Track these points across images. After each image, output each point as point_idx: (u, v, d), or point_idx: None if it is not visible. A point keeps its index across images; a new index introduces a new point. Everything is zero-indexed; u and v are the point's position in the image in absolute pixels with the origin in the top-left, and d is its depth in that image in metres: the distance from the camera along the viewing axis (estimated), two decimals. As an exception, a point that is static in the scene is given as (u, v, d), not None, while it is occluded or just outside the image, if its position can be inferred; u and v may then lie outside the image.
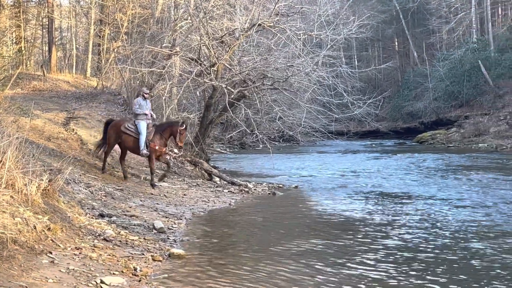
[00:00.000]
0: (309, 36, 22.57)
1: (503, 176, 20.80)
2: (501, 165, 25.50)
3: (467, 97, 48.20)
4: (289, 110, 23.20)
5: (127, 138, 15.28)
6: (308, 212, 13.81)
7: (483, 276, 8.07)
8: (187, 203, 14.07)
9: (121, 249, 8.64)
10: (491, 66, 47.44)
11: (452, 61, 51.21)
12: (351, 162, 28.90)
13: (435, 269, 8.40)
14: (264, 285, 7.48)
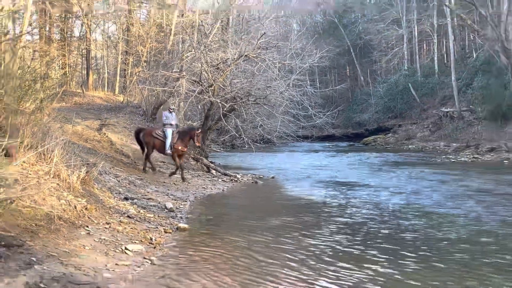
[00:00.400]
0: (282, 64, 22.63)
1: (427, 169, 20.96)
2: (425, 161, 25.71)
3: (400, 111, 48.48)
4: (267, 120, 23.19)
5: (157, 141, 15.50)
6: (281, 196, 13.84)
7: (411, 244, 8.12)
8: (191, 189, 14.06)
9: (140, 224, 8.61)
10: (418, 88, 47.77)
11: (389, 84, 51.54)
12: (314, 158, 28.98)
13: (375, 239, 8.44)
14: (245, 250, 7.53)
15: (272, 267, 6.67)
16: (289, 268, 6.66)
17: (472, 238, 8.41)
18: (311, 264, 6.87)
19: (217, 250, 7.42)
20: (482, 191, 14.15)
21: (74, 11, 35.44)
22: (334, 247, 7.78)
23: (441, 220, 9.90)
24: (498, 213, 10.60)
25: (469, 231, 8.93)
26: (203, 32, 23.26)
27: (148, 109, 24.57)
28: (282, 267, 6.70)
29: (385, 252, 7.50)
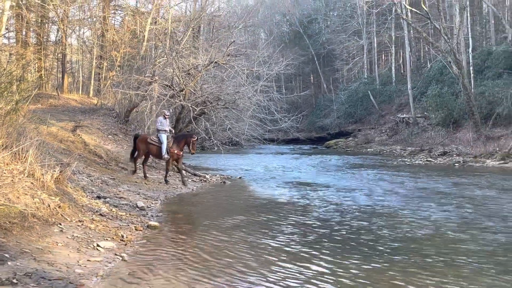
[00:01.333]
0: (250, 71, 22.66)
1: (384, 171, 21.24)
2: (383, 163, 26.02)
3: (360, 116, 49.07)
4: (236, 123, 23.17)
5: (152, 147, 15.11)
6: (247, 196, 13.83)
7: (362, 243, 8.18)
8: (162, 188, 13.96)
9: (112, 221, 8.52)
10: (377, 95, 48.46)
11: (350, 91, 52.12)
12: (279, 160, 29.08)
13: (327, 238, 8.47)
14: (211, 245, 7.55)
15: (235, 264, 6.66)
16: (248, 265, 6.66)
17: (422, 237, 8.53)
18: (264, 261, 6.85)
19: (185, 247, 7.39)
20: (434, 192, 14.41)
21: (50, 16, 34.87)
22: (288, 245, 7.76)
23: (394, 220, 9.97)
24: (448, 213, 10.79)
25: (419, 230, 9.05)
26: (175, 39, 23.23)
27: (122, 112, 24.31)
28: (242, 263, 6.69)
29: (334, 250, 7.48)
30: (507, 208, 11.27)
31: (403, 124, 41.64)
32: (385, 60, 57.14)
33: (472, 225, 9.41)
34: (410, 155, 31.45)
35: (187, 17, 35.76)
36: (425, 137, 36.39)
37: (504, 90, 31.11)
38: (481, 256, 7.12)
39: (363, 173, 20.38)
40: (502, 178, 17.71)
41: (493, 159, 24.46)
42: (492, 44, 39.63)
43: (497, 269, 6.49)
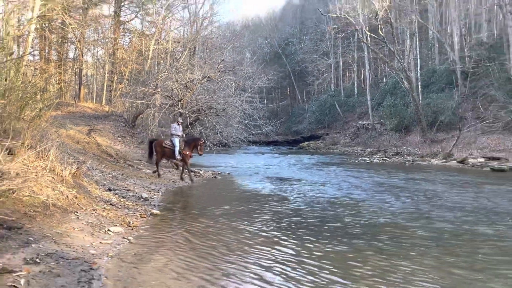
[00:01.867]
0: (237, 84, 22.69)
1: (348, 168, 21.34)
2: (347, 162, 26.15)
3: (328, 122, 49.26)
4: (225, 128, 23.11)
5: (167, 150, 14.81)
6: (234, 189, 13.77)
7: (329, 225, 8.21)
8: (163, 182, 13.84)
9: (121, 210, 8.43)
10: (342, 105, 48.72)
11: (320, 102, 52.30)
12: (261, 159, 29.05)
13: (301, 222, 8.50)
14: (202, 230, 7.50)
15: (219, 247, 6.63)
16: (230, 247, 6.65)
17: (378, 224, 8.58)
18: (244, 244, 6.81)
19: (181, 232, 7.35)
20: (389, 186, 14.53)
21: (69, 37, 34.46)
22: (264, 231, 7.68)
23: (355, 209, 10.01)
24: (402, 203, 10.89)
25: (376, 218, 9.11)
26: (174, 57, 23.12)
27: (129, 118, 24.13)
28: (226, 246, 6.67)
29: (302, 235, 7.44)
30: (451, 199, 11.39)
31: (363, 129, 41.92)
32: (348, 76, 57.46)
33: (421, 214, 9.48)
34: (369, 154, 31.67)
35: (185, 39, 35.57)
36: (381, 140, 36.69)
37: (445, 101, 31.51)
38: (428, 240, 7.18)
39: (331, 170, 20.46)
40: (445, 174, 17.93)
41: (437, 158, 24.73)
42: (436, 63, 40.10)
43: (440, 251, 6.55)
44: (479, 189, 13.32)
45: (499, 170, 18.78)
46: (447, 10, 41.06)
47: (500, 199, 11.33)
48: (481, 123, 27.79)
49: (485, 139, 27.03)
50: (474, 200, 11.20)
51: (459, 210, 9.73)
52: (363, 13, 35.95)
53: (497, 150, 24.75)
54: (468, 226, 8.05)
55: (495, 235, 7.39)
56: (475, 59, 33.17)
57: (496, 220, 8.63)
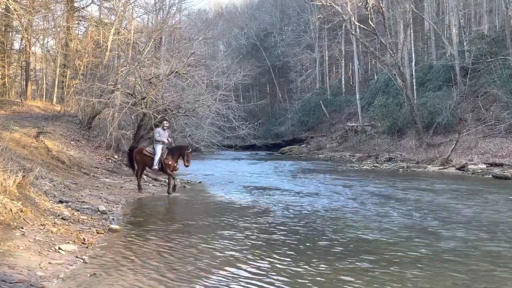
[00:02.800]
0: (210, 80, 22.64)
1: (334, 176, 21.54)
2: (333, 169, 26.38)
3: (313, 124, 49.69)
4: (196, 130, 23.02)
5: (147, 158, 14.37)
6: (205, 200, 13.68)
7: (312, 243, 8.22)
8: (123, 193, 13.68)
9: (74, 225, 8.29)
10: (328, 105, 49.20)
11: (303, 101, 52.79)
12: (237, 165, 29.08)
13: (284, 241, 8.50)
14: (164, 247, 7.44)
15: (181, 267, 6.55)
16: (192, 266, 6.61)
17: (363, 239, 8.64)
18: (205, 264, 6.76)
19: (142, 250, 7.26)
20: (378, 195, 14.69)
21: (14, 25, 33.85)
22: (229, 249, 7.55)
23: (342, 223, 10.04)
24: (394, 216, 11.00)
25: (369, 234, 9.19)
26: (137, 49, 22.93)
27: (84, 119, 23.80)
28: (191, 264, 6.63)
29: (276, 255, 7.38)
30: (450, 211, 11.57)
31: (352, 132, 42.36)
32: (335, 72, 58.09)
33: (414, 229, 9.58)
34: (359, 161, 31.99)
35: (149, 28, 35.36)
36: (372, 144, 37.13)
37: (443, 101, 32.10)
38: (424, 261, 7.25)
39: (315, 178, 20.58)
40: (443, 183, 18.23)
41: (433, 165, 25.16)
42: (433, 58, 40.87)
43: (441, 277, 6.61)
44: (482, 199, 13.58)
45: (502, 178, 19.21)
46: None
47: (506, 209, 11.57)
48: (482, 125, 28.38)
49: (487, 143, 27.61)
50: (477, 212, 11.40)
51: (463, 224, 9.88)
52: (352, 1, 36.40)
53: (499, 156, 25.32)
54: (471, 243, 8.18)
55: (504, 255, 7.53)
56: (476, 54, 33.90)
57: (503, 235, 8.80)
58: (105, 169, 17.53)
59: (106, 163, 19.36)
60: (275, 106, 61.66)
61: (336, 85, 53.83)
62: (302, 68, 56.97)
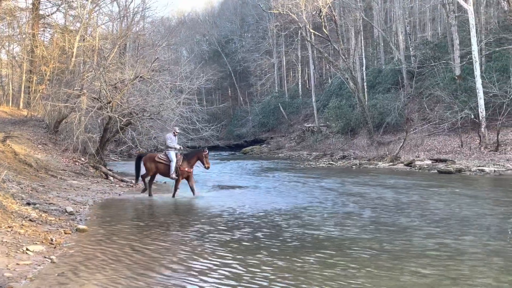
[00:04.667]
0: (174, 85, 22.44)
1: (293, 173, 21.71)
2: (292, 167, 26.59)
3: (272, 126, 49.91)
4: (161, 132, 22.75)
5: (161, 165, 13.70)
6: (170, 199, 13.49)
7: (277, 229, 8.28)
8: (90, 194, 13.40)
9: (42, 226, 8.09)
10: (286, 107, 49.52)
11: (263, 103, 52.95)
12: (201, 166, 28.84)
13: (247, 237, 8.52)
14: (130, 246, 7.35)
15: (154, 265, 6.52)
16: (162, 264, 6.56)
17: (320, 236, 8.76)
18: (180, 258, 6.77)
19: (111, 249, 7.14)
20: (332, 190, 14.92)
21: (-22, 31, 32.65)
22: (188, 244, 7.61)
23: (298, 218, 10.18)
24: (343, 207, 11.20)
25: (315, 230, 9.31)
26: (102, 55, 22.50)
27: (51, 123, 23.20)
28: (157, 262, 6.59)
29: (238, 251, 7.54)
30: (400, 204, 11.84)
31: (309, 132, 42.79)
32: (292, 76, 58.57)
33: (365, 222, 9.76)
34: (315, 159, 32.34)
35: (114, 35, 34.79)
36: (328, 143, 37.62)
37: (392, 102, 32.86)
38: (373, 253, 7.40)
39: (275, 176, 20.71)
40: (393, 178, 18.65)
41: (384, 161, 25.69)
42: (382, 63, 41.78)
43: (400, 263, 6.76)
44: (430, 192, 13.98)
45: (446, 172, 19.80)
46: (391, 8, 42.92)
47: (452, 202, 11.94)
48: (427, 124, 29.19)
49: (432, 141, 28.43)
50: (425, 205, 11.72)
51: (413, 217, 10.13)
52: (307, 9, 36.79)
53: (443, 152, 26.12)
54: (425, 236, 8.40)
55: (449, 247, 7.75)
56: (420, 58, 34.86)
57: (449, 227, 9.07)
58: (72, 172, 17.12)
59: (73, 166, 18.90)
60: (236, 109, 61.63)
61: (293, 89, 54.29)
62: (262, 72, 57.18)
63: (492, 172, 19.28)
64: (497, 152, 23.40)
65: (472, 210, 10.48)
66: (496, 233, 8.12)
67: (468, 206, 11.01)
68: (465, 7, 27.19)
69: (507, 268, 5.99)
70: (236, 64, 60.94)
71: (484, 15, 32.88)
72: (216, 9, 76.46)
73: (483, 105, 25.47)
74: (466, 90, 28.35)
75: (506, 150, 23.47)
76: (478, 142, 25.32)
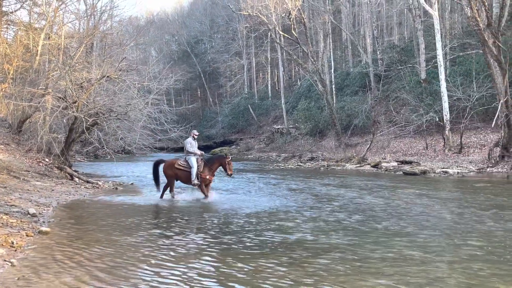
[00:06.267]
0: (142, 85, 22.18)
1: (261, 174, 21.75)
2: (261, 168, 26.65)
3: (242, 127, 50.00)
4: (128, 133, 22.42)
5: (181, 172, 13.13)
6: (136, 201, 13.29)
7: (245, 231, 8.27)
8: (54, 196, 13.08)
9: (2, 229, 7.82)
10: (256, 108, 49.69)
11: (232, 105, 52.95)
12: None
13: (211, 240, 8.48)
14: (97, 248, 7.20)
15: (118, 269, 6.41)
16: (126, 268, 6.48)
17: (287, 239, 8.81)
18: (144, 259, 6.71)
19: (74, 251, 6.98)
20: (300, 191, 15.02)
21: None
22: (149, 246, 7.54)
23: (260, 215, 10.20)
24: (307, 206, 11.30)
25: (278, 234, 9.37)
26: (68, 54, 22.05)
27: (14, 123, 22.62)
28: (122, 264, 6.48)
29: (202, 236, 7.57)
30: (366, 205, 12.00)
31: (278, 133, 43.02)
32: (262, 78, 58.78)
33: (337, 224, 9.86)
34: (284, 160, 32.51)
35: (81, 34, 34.10)
36: (296, 145, 37.90)
37: (359, 105, 33.38)
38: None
39: (244, 177, 20.69)
40: (360, 179, 18.90)
41: (351, 163, 26.04)
42: (350, 66, 42.38)
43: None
44: (395, 194, 14.23)
45: (412, 174, 20.21)
46: (360, 12, 43.58)
47: (419, 202, 12.19)
48: (394, 126, 29.76)
49: (398, 143, 29.01)
50: (393, 205, 11.92)
51: (380, 218, 10.29)
52: (276, 12, 36.97)
53: (409, 154, 26.67)
54: (390, 232, 8.53)
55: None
56: (387, 62, 35.55)
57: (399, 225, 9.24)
58: (36, 172, 16.69)
59: (37, 167, 18.44)
60: (206, 110, 61.42)
61: (263, 90, 54.49)
62: (231, 73, 57.21)
63: (456, 173, 19.78)
64: (460, 154, 24.05)
65: (433, 210, 10.72)
66: (452, 232, 8.32)
67: (434, 207, 11.26)
68: (430, 12, 27.87)
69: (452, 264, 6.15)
70: (205, 65, 60.77)
71: (449, 21, 33.78)
72: (186, 9, 76.09)
73: (448, 108, 26.16)
74: (431, 93, 29.05)
75: (469, 152, 24.14)
76: (442, 144, 25.96)
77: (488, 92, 24.62)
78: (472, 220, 9.42)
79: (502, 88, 19.81)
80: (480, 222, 9.18)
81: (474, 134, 26.20)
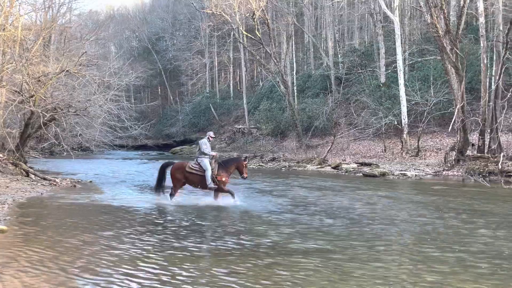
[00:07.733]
0: (102, 80, 21.64)
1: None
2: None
3: (203, 126, 49.61)
4: (87, 129, 21.91)
5: (193, 176, 12.26)
6: (96, 200, 12.91)
7: (220, 231, 8.21)
8: (10, 192, 12.62)
9: (-46, 227, 7.47)
10: (217, 108, 49.51)
11: (194, 103, 52.59)
12: (128, 165, 28.21)
13: (175, 230, 8.38)
14: (55, 246, 7.04)
15: (72, 265, 6.21)
16: (79, 262, 6.31)
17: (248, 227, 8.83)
18: (103, 259, 6.54)
19: (30, 249, 6.73)
20: (260, 191, 15.07)
21: None
22: (112, 245, 7.36)
23: (222, 215, 10.22)
24: (264, 206, 11.36)
25: (242, 220, 9.37)
26: (25, 46, 21.27)
27: (-35, 117, 21.67)
28: (81, 263, 6.32)
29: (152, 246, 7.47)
30: (330, 205, 12.14)
31: (240, 133, 43.01)
32: (224, 77, 58.61)
33: (301, 224, 9.93)
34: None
35: (38, 26, 33.02)
36: (258, 145, 38.00)
37: (320, 107, 33.79)
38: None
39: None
40: (320, 180, 19.12)
41: (312, 164, 26.31)
42: (311, 68, 42.85)
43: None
44: (356, 195, 14.46)
45: (371, 176, 20.62)
46: (322, 15, 44.15)
47: (379, 203, 12.42)
48: (354, 129, 30.29)
49: (357, 145, 29.55)
50: (355, 207, 12.11)
51: (344, 218, 10.42)
52: (240, 11, 36.94)
53: (368, 156, 27.20)
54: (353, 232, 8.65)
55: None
56: (348, 65, 36.16)
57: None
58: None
59: (-10, 163, 17.73)
60: (166, 108, 60.72)
61: (225, 90, 54.37)
62: (193, 72, 56.74)
63: (413, 176, 20.30)
64: (417, 157, 24.73)
65: (391, 211, 10.96)
66: (409, 232, 8.53)
67: (392, 209, 11.51)
68: (391, 18, 28.55)
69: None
70: (166, 63, 60.07)
71: (408, 27, 34.72)
72: (147, 5, 75.05)
73: (406, 112, 26.86)
74: (390, 97, 29.75)
75: (426, 155, 24.87)
76: (400, 147, 26.63)
77: (445, 97, 25.43)
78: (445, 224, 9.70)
79: (459, 94, 20.46)
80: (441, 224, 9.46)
81: (431, 138, 27.02)
